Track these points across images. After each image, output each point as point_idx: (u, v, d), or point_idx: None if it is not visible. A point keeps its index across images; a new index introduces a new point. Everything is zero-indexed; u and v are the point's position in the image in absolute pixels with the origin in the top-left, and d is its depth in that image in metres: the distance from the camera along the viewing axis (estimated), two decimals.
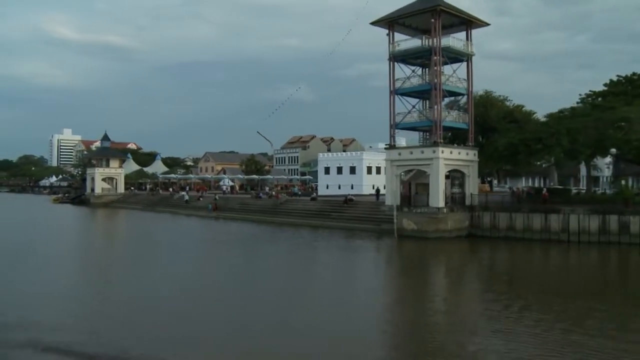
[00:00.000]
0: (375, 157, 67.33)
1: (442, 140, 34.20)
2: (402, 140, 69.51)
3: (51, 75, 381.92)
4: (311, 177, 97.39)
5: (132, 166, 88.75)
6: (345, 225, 39.32)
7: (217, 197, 59.00)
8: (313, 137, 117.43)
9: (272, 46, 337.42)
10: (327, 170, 69.41)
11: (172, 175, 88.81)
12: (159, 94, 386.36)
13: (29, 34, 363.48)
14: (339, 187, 65.73)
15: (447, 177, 35.06)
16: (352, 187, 64.61)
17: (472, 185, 36.53)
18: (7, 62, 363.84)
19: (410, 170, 36.13)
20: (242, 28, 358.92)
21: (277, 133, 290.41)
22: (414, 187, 36.11)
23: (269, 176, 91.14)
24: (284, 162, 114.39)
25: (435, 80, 34.32)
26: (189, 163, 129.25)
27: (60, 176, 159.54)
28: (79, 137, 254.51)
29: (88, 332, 13.17)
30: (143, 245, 33.27)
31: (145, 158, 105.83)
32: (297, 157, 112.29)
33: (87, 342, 12.37)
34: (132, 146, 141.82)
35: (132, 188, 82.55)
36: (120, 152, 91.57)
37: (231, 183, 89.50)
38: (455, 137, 42.90)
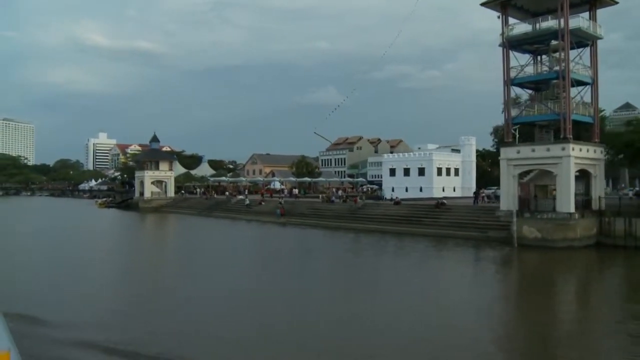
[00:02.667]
0: (446, 158, 63.46)
1: (571, 136, 29.84)
2: (472, 140, 65.82)
3: (85, 81, 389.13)
4: (363, 179, 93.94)
5: (178, 169, 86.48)
6: (439, 232, 35.74)
7: (282, 201, 55.72)
8: (360, 138, 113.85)
9: (300, 49, 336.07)
10: (392, 172, 65.64)
11: (223, 178, 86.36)
12: (189, 98, 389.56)
13: (62, 41, 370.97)
14: (406, 190, 62.00)
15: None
16: (420, 190, 60.84)
17: (599, 187, 32.07)
18: (43, 69, 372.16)
19: (529, 171, 31.88)
20: (270, 32, 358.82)
21: (306, 136, 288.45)
22: (532, 189, 31.86)
23: (320, 178, 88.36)
24: (330, 164, 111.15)
25: (559, 67, 30.05)
26: (229, 166, 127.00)
27: (100, 180, 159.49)
28: (114, 141, 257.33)
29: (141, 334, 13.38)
30: (220, 257, 29.01)
31: (188, 161, 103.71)
32: (345, 158, 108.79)
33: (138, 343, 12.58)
34: (166, 149, 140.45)
35: (183, 192, 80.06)
36: (169, 154, 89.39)
37: (281, 186, 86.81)
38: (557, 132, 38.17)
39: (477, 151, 74.63)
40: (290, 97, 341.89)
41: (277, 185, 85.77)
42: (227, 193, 69.92)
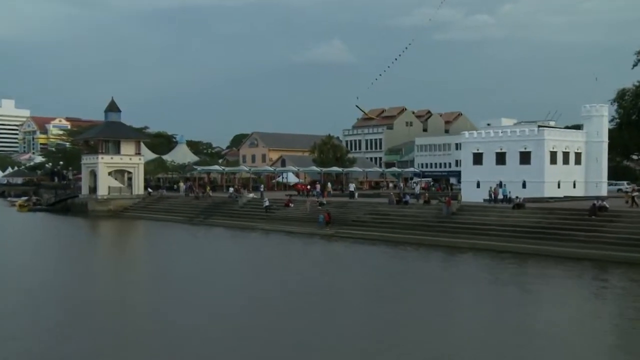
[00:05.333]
0: (564, 138, 60.19)
1: None
2: (602, 109, 62.62)
3: None
4: (416, 170, 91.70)
5: (145, 154, 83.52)
6: (602, 253, 33.24)
7: (323, 201, 53.78)
8: (402, 109, 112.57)
9: None
10: (477, 159, 62.41)
11: (216, 167, 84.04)
12: (138, 53, 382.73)
13: None
14: (501, 185, 58.66)
15: None
16: (523, 186, 57.57)
17: None
18: None
19: None
20: None
21: (313, 109, 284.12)
22: None
23: (356, 168, 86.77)
24: (359, 147, 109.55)
25: None
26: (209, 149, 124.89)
27: (10, 169, 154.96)
28: (27, 112, 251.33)
29: None
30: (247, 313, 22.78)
31: (154, 142, 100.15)
32: (380, 139, 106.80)
33: None
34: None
35: (150, 190, 76.83)
36: (136, 132, 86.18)
37: (296, 179, 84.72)
38: None
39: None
40: (283, 54, 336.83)
41: (291, 178, 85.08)
42: (231, 189, 66.99)
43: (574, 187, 59.31)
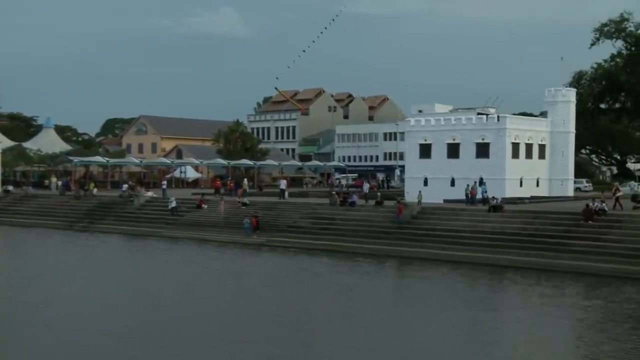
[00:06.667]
0: (527, 127, 60.88)
1: None
2: (569, 94, 63.90)
3: None
4: (340, 163, 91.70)
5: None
6: (602, 266, 33.23)
7: (246, 201, 52.60)
8: (319, 92, 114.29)
9: None
10: (424, 151, 62.14)
11: (98, 159, 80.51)
12: None
13: None
14: (452, 183, 58.61)
15: None
16: (481, 182, 57.51)
17: None
18: None
19: None
20: None
21: (200, 89, 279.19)
22: None
23: (270, 161, 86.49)
24: (267, 136, 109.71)
25: None
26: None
27: None
28: None
29: None
30: None
31: (8, 125, 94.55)
32: (294, 127, 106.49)
33: None
34: None
35: (9, 188, 72.46)
36: None
37: (197, 174, 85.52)
38: None
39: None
40: (156, 20, 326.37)
41: (191, 173, 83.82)
42: (125, 186, 64.15)
43: (537, 185, 60.02)
